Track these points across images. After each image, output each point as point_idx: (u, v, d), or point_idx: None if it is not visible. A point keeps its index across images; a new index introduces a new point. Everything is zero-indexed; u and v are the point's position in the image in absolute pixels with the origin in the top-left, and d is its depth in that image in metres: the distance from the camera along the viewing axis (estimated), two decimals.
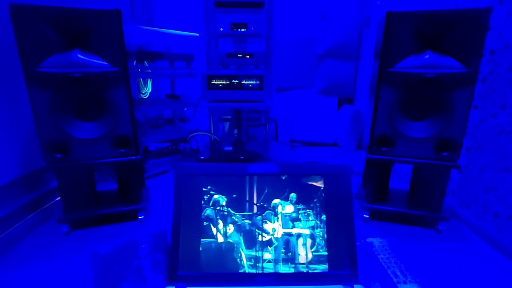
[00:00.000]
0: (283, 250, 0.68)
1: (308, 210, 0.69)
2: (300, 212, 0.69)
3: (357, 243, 0.69)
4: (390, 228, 1.16)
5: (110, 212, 1.14)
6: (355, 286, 0.64)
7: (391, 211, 1.16)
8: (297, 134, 2.44)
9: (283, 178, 0.70)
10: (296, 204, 0.69)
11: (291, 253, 0.67)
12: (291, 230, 0.68)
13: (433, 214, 1.12)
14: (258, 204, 0.69)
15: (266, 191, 0.70)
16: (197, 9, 2.49)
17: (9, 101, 1.06)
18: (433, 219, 1.16)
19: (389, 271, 0.63)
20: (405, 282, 0.60)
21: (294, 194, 0.70)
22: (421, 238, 1.09)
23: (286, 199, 0.70)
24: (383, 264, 0.66)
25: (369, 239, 0.74)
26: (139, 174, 1.20)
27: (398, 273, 0.62)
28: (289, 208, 0.69)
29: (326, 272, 0.66)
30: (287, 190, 0.70)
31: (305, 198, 0.69)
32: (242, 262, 0.67)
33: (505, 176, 1.02)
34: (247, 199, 0.70)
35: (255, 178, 0.70)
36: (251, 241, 0.68)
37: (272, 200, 0.70)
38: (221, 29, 1.61)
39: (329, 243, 0.68)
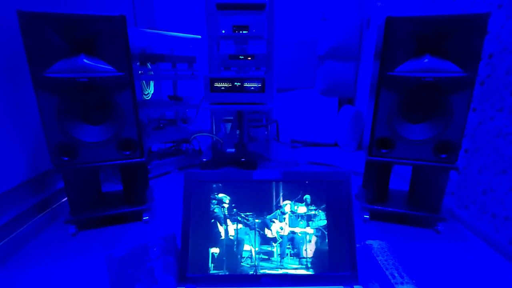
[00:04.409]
0: (289, 247, 0.72)
1: (319, 211, 0.73)
2: (312, 212, 0.73)
3: (357, 245, 0.71)
4: (390, 228, 1.18)
5: (116, 213, 1.16)
6: (355, 287, 0.67)
7: (391, 211, 1.18)
8: (298, 134, 2.46)
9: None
10: (310, 205, 0.73)
11: (296, 249, 0.71)
12: (295, 229, 0.73)
13: (432, 215, 1.15)
14: (267, 205, 0.73)
15: (281, 193, 0.74)
16: (199, 12, 2.50)
17: (17, 105, 1.08)
18: (432, 219, 1.18)
19: (387, 273, 0.65)
20: (402, 283, 0.62)
21: (309, 195, 0.74)
22: (420, 238, 1.12)
23: (300, 200, 0.73)
24: (381, 265, 0.68)
25: (368, 242, 0.77)
26: (144, 175, 1.22)
27: (396, 275, 0.65)
28: (302, 209, 0.73)
29: (328, 273, 0.69)
30: (301, 192, 0.74)
31: (318, 200, 0.73)
32: (253, 258, 0.70)
33: (503, 177, 1.04)
34: (256, 200, 0.73)
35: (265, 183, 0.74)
36: (258, 240, 0.72)
37: (283, 201, 0.74)
38: (223, 31, 1.62)
39: (331, 246, 0.71)
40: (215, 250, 0.71)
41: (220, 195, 0.73)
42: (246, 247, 0.71)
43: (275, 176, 0.73)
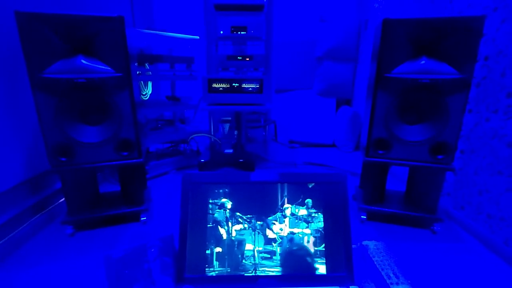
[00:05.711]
0: (288, 246, 0.73)
1: (318, 213, 0.74)
2: (312, 214, 0.74)
3: (354, 245, 0.72)
4: (387, 229, 1.19)
5: (113, 214, 1.16)
6: (350, 287, 0.67)
7: (388, 212, 1.19)
8: (296, 135, 2.47)
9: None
10: (310, 208, 0.75)
11: (296, 248, 0.73)
12: (294, 230, 0.74)
13: (428, 215, 1.15)
14: (269, 207, 0.75)
15: (284, 196, 0.75)
16: (197, 12, 2.51)
17: (15, 106, 1.08)
18: (428, 220, 1.19)
19: (383, 273, 0.66)
20: (397, 284, 0.63)
21: (310, 200, 0.75)
22: (416, 238, 1.12)
23: (301, 204, 0.75)
24: (377, 266, 0.69)
25: (365, 242, 0.78)
26: (142, 176, 1.22)
27: (391, 275, 0.66)
28: (302, 211, 0.75)
29: (324, 274, 0.69)
30: (301, 196, 0.75)
31: (318, 202, 0.75)
32: (255, 257, 0.72)
33: (498, 178, 1.05)
34: (257, 202, 0.74)
35: (265, 185, 0.75)
36: (262, 240, 0.73)
37: (284, 204, 0.75)
38: (221, 32, 1.63)
39: (327, 246, 0.72)
40: (212, 250, 0.71)
41: (221, 198, 0.74)
42: (249, 246, 0.73)
43: (272, 177, 0.74)
